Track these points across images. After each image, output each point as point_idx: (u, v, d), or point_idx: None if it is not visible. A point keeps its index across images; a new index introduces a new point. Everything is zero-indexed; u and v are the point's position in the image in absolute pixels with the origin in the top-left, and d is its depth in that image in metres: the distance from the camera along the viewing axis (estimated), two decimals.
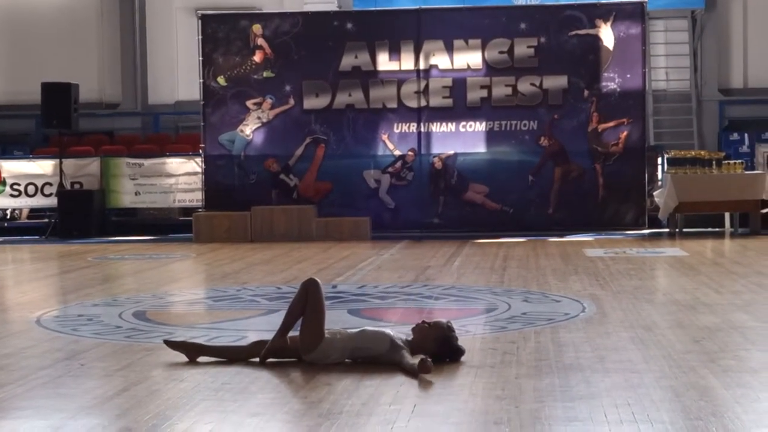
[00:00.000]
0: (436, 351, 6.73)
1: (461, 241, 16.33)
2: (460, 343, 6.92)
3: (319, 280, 7.01)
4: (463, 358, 6.93)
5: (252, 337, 8.22)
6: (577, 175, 18.00)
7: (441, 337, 6.82)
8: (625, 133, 17.91)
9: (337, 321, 8.86)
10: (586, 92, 17.95)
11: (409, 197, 18.24)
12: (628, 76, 17.89)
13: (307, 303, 6.83)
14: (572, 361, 6.81)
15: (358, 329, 6.99)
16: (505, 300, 9.84)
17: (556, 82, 17.98)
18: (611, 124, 17.93)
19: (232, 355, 7.02)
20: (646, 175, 18.04)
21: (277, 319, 8.95)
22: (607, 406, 5.57)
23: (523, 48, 18.01)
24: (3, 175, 19.37)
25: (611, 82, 17.91)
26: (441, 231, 17.86)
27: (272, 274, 12.65)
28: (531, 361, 6.86)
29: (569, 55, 17.94)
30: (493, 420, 5.32)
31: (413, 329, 6.91)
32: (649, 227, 17.87)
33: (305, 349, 6.76)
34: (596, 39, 17.94)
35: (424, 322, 6.94)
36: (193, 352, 7.01)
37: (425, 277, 11.97)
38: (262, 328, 8.67)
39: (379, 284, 11.34)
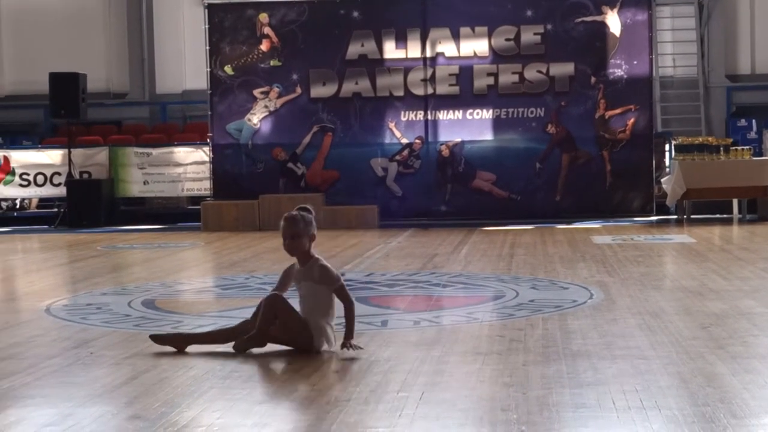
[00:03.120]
0: None
1: (469, 229, 16.33)
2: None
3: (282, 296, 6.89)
4: (470, 346, 6.95)
5: None
6: (584, 162, 18.00)
7: None
8: (632, 119, 17.90)
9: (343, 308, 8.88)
10: (593, 79, 17.93)
11: (417, 185, 18.25)
12: (635, 62, 17.87)
13: (279, 318, 6.79)
14: (580, 348, 6.82)
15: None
16: (512, 287, 9.85)
17: (563, 69, 17.97)
18: (618, 110, 17.92)
19: (223, 339, 6.99)
20: (654, 162, 18.03)
21: None
22: (615, 392, 5.58)
23: (529, 35, 17.99)
24: (12, 164, 19.41)
25: (618, 68, 17.90)
26: (448, 219, 17.87)
27: (280, 262, 12.62)
28: (538, 348, 6.87)
29: (576, 42, 17.93)
30: (501, 407, 5.33)
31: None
32: (657, 214, 17.88)
33: (307, 345, 6.76)
34: (603, 26, 17.91)
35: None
36: (180, 343, 6.98)
37: (433, 264, 11.98)
38: None
39: (387, 272, 11.35)
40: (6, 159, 19.46)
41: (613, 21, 17.90)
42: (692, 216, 17.41)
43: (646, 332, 7.34)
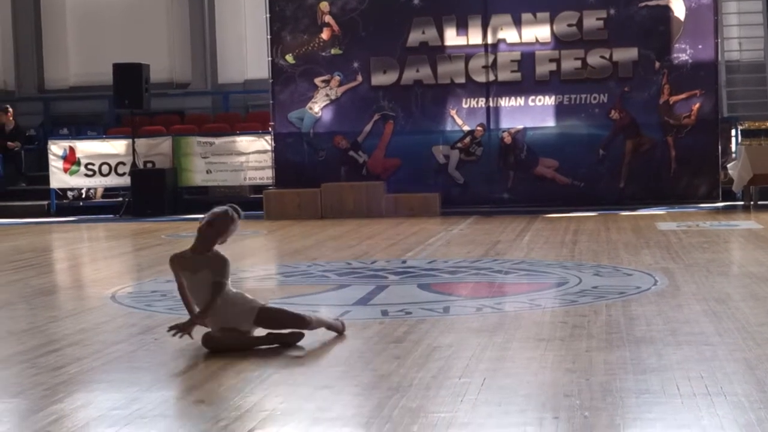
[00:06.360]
0: None
1: (531, 216, 16.26)
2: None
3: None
4: (533, 332, 6.92)
5: (322, 312, 8.29)
6: (648, 148, 17.84)
7: None
8: (697, 104, 17.70)
9: (406, 295, 8.90)
10: (657, 64, 17.75)
11: (479, 172, 18.19)
12: (700, 46, 17.66)
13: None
14: (643, 334, 6.76)
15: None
16: (575, 274, 9.79)
17: (626, 54, 17.80)
18: (683, 96, 17.73)
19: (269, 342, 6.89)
20: (720, 147, 17.81)
21: (347, 294, 9.03)
22: (680, 378, 5.53)
23: (592, 20, 17.85)
24: (78, 155, 19.63)
25: (683, 53, 17.69)
26: (510, 206, 17.80)
27: (342, 249, 12.70)
28: (602, 334, 6.82)
29: (639, 27, 17.75)
30: (563, 392, 5.30)
31: None
32: (723, 200, 17.66)
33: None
34: (667, 10, 17.71)
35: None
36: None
37: (495, 251, 11.94)
38: (332, 302, 8.73)
39: (449, 259, 11.33)
40: (72, 149, 19.69)
41: (677, 4, 17.70)
42: (759, 202, 17.18)
43: (711, 318, 7.26)
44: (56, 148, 19.71)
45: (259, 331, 6.74)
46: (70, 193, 20.33)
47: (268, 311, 6.75)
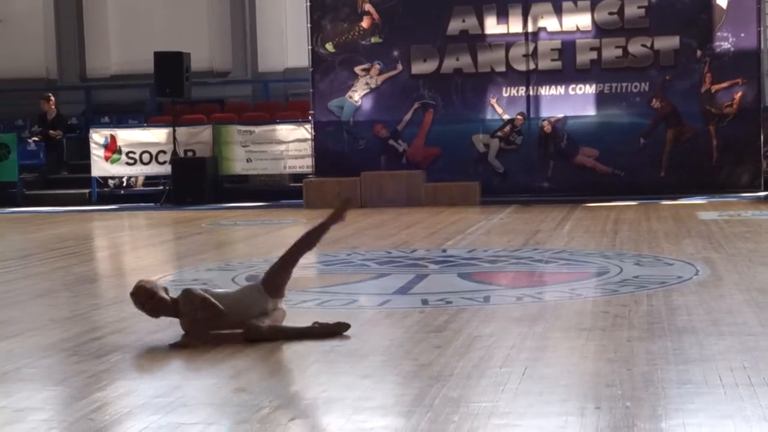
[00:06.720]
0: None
1: (571, 205, 16.20)
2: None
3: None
4: (574, 321, 6.90)
5: (362, 301, 8.31)
6: (689, 137, 17.71)
7: None
8: (739, 93, 17.55)
9: (446, 284, 8.90)
10: (698, 52, 17.61)
11: (519, 161, 18.14)
12: (742, 35, 17.50)
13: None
14: (685, 324, 6.73)
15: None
16: (616, 263, 9.75)
17: (668, 42, 17.67)
18: (725, 84, 17.58)
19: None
20: (762, 137, 17.64)
21: (387, 283, 9.03)
22: (722, 369, 5.50)
23: (633, 8, 17.72)
24: (119, 143, 19.75)
25: (725, 41, 17.54)
26: (551, 195, 17.73)
27: (382, 238, 12.71)
28: (643, 324, 6.79)
29: (681, 15, 17.61)
30: (605, 382, 5.29)
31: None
32: (765, 189, 17.50)
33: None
34: None
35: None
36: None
37: (535, 241, 11.91)
38: (372, 291, 8.75)
39: (489, 248, 11.31)
40: (113, 138, 19.81)
41: None
42: None
43: (754, 309, 7.21)
44: (98, 137, 19.84)
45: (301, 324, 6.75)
46: (111, 182, 20.46)
47: (272, 276, 6.81)
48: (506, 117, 18.13)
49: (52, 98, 21.47)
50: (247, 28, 23.44)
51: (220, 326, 6.68)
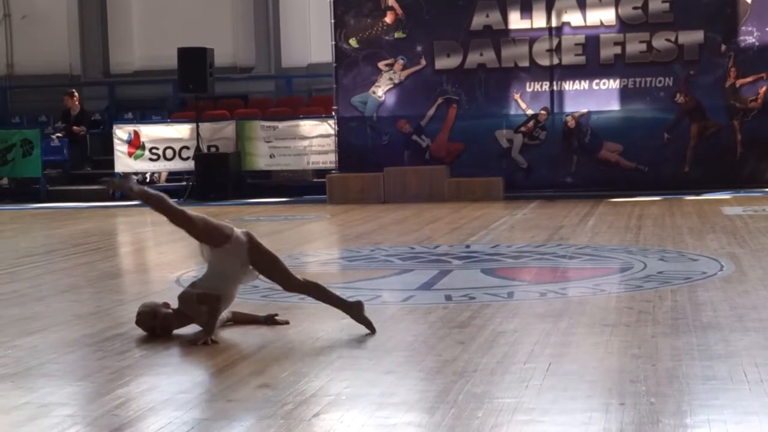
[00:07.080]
0: None
1: (595, 201, 16.14)
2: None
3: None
4: (598, 317, 6.88)
5: (385, 297, 8.30)
6: (714, 132, 17.62)
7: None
8: (764, 88, 17.44)
9: (470, 280, 8.89)
10: (723, 47, 17.51)
11: (542, 156, 18.09)
12: (767, 29, 17.39)
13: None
14: (710, 320, 6.70)
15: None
16: (640, 259, 9.71)
17: (692, 37, 17.58)
18: (749, 79, 17.48)
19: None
20: None
21: (410, 279, 9.03)
22: (747, 365, 5.47)
23: (657, 3, 17.64)
24: (142, 139, 19.81)
25: (749, 36, 17.44)
26: (574, 190, 17.67)
27: (405, 234, 12.70)
28: (667, 319, 6.76)
29: (705, 9, 17.51)
30: (630, 378, 5.27)
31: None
32: None
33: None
34: None
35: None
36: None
37: (559, 236, 11.87)
38: (396, 287, 8.74)
39: (513, 244, 11.29)
40: (136, 134, 19.87)
41: None
42: None
43: None
44: (121, 133, 19.90)
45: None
46: (134, 177, 20.46)
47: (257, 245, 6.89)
48: (530, 112, 18.08)
49: (76, 94, 21.55)
50: (270, 24, 23.46)
51: (227, 304, 6.82)
